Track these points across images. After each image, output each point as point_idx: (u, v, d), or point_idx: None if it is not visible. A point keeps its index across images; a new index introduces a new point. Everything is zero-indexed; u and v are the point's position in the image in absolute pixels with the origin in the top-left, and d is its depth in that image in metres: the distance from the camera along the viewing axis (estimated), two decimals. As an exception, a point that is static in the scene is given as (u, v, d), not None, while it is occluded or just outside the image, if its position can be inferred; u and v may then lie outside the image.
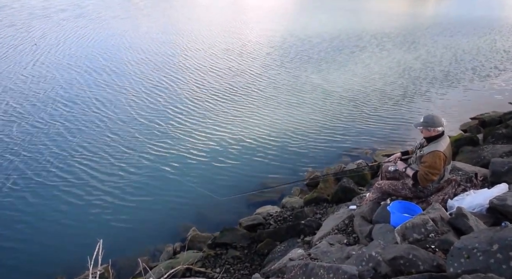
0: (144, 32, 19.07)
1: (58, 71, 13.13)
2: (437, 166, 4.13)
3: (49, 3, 24.15)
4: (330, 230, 5.04)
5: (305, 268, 3.23)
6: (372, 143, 9.44)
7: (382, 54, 16.74)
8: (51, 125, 9.49)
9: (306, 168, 8.29)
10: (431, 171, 4.14)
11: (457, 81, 13.92)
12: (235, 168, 8.18)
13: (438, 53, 17.34)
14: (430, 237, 3.23)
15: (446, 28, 22.73)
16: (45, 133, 9.15)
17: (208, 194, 7.15)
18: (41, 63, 13.90)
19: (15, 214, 6.69)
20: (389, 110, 11.25)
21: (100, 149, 8.65)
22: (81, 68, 13.57)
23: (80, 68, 13.57)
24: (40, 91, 11.45)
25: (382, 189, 4.71)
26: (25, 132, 9.11)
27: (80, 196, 7.15)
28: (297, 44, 18.01)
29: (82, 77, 12.80)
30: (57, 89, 11.63)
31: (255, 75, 13.81)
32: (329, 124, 10.21)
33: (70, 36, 17.66)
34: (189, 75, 13.55)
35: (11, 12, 21.04)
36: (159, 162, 8.26)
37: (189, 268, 5.11)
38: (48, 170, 7.83)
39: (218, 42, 17.98)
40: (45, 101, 10.80)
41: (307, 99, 11.70)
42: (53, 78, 12.50)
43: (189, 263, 5.10)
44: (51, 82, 12.15)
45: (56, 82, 12.17)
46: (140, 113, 10.41)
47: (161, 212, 6.92)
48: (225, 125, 9.93)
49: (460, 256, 2.53)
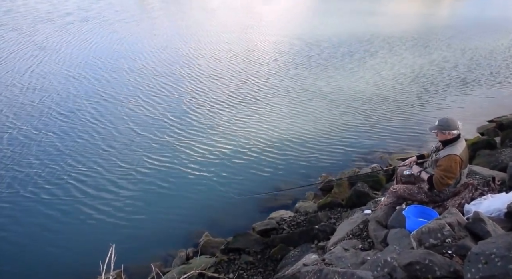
0: (148, 37, 18.97)
1: (56, 79, 12.90)
2: (453, 170, 4.07)
3: (55, 7, 24.35)
4: (344, 235, 4.97)
5: (319, 274, 3.20)
6: (387, 146, 9.36)
7: (394, 60, 16.53)
8: (56, 130, 9.50)
9: (320, 172, 8.24)
10: (446, 175, 4.08)
11: (473, 85, 13.68)
12: (248, 172, 8.17)
13: (453, 57, 17.06)
14: (446, 242, 3.17)
15: (460, 30, 22.37)
16: (53, 139, 9.15)
17: (221, 197, 7.31)
18: (40, 69, 13.69)
19: (26, 221, 6.74)
20: (403, 114, 11.14)
21: (112, 152, 8.70)
22: (80, 75, 13.37)
23: (79, 75, 13.37)
24: (35, 99, 11.19)
25: (397, 193, 4.65)
26: (29, 138, 9.10)
27: (92, 201, 7.20)
28: (305, 49, 17.85)
29: (80, 85, 12.51)
30: (53, 97, 11.36)
31: (266, 79, 13.79)
32: (343, 129, 10.15)
33: (72, 41, 17.45)
34: (200, 79, 13.53)
35: (16, 16, 21.16)
36: (171, 166, 8.28)
37: (202, 273, 5.09)
38: (59, 175, 7.86)
39: (227, 47, 17.91)
40: (41, 110, 10.52)
41: (321, 104, 11.64)
42: (50, 86, 12.23)
43: (202, 268, 5.10)
44: (48, 90, 11.86)
45: (53, 90, 11.89)
46: (151, 116, 10.44)
47: (173, 216, 6.95)
48: (238, 129, 9.93)
49: (477, 261, 2.48)
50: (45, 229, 6.57)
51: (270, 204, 7.26)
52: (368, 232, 4.77)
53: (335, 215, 6.41)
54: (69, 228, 6.62)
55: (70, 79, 12.92)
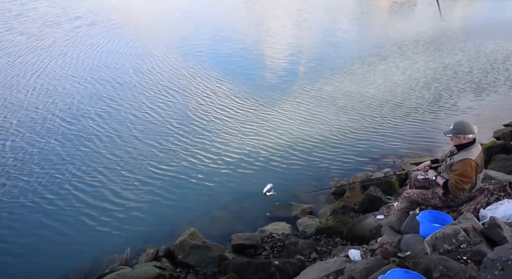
0: (155, 40, 18.99)
1: (61, 83, 12.86)
2: (469, 174, 4.01)
3: (64, 11, 24.53)
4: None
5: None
6: (400, 151, 9.23)
7: (406, 64, 16.23)
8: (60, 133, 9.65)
9: (332, 177, 8.14)
10: (462, 179, 4.02)
11: (489, 89, 13.40)
12: (257, 177, 8.07)
13: (467, 61, 16.68)
14: (461, 247, 3.11)
15: (475, 33, 21.86)
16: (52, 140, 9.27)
17: (225, 200, 7.28)
18: (45, 74, 13.67)
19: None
20: (416, 119, 10.99)
21: (114, 157, 8.72)
22: (84, 80, 13.30)
23: (84, 80, 13.30)
24: (39, 104, 11.26)
25: (411, 198, 4.58)
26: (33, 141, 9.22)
27: (87, 196, 7.35)
28: (315, 53, 17.73)
29: (85, 89, 12.52)
30: (57, 103, 11.38)
31: (274, 84, 13.74)
32: (355, 133, 10.06)
33: (79, 45, 17.39)
34: (207, 84, 13.44)
35: (25, 20, 21.32)
36: (173, 169, 8.28)
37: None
38: (59, 177, 7.91)
39: (235, 52, 17.74)
40: (44, 116, 10.55)
41: (332, 109, 11.55)
42: (54, 91, 12.24)
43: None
44: (52, 95, 11.88)
45: (58, 95, 11.92)
46: (155, 122, 10.44)
47: (165, 212, 6.98)
48: (246, 136, 9.83)
49: (493, 267, 2.43)
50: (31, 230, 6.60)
51: (275, 212, 7.00)
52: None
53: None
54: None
55: (75, 84, 12.95)
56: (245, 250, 5.46)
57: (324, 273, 3.92)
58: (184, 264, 5.13)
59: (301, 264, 4.63)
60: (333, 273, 3.88)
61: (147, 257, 5.59)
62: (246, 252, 5.44)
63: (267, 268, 4.56)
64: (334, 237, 5.56)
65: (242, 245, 5.48)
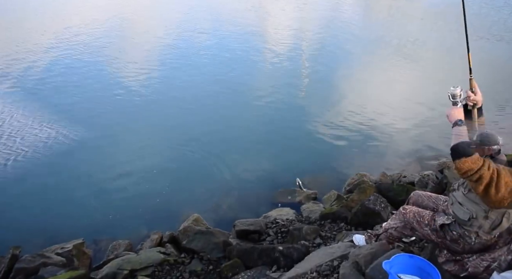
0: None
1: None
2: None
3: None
4: (308, 271, 3.74)
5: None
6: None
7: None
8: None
9: (358, 169, 7.49)
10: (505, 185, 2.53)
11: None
12: (261, 162, 8.01)
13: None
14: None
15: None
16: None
17: (232, 184, 7.26)
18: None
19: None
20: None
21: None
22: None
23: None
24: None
25: (406, 216, 3.29)
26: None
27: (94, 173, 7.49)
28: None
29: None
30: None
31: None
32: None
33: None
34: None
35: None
36: (185, 148, 8.35)
37: (134, 273, 4.61)
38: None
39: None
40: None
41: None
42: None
43: (140, 267, 4.63)
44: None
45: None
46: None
47: (171, 196, 7.00)
48: (255, 119, 9.75)
49: None
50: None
51: (280, 199, 6.87)
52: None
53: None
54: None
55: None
56: (249, 236, 5.39)
57: (328, 258, 3.83)
58: (188, 249, 5.08)
59: (305, 250, 4.56)
60: (337, 258, 3.80)
61: (151, 243, 5.58)
62: (250, 237, 5.38)
63: (271, 253, 4.51)
64: (338, 223, 5.44)
65: (246, 231, 5.40)
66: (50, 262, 4.88)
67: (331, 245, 4.54)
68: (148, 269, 4.64)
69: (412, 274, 2.80)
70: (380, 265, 2.96)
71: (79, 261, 5.29)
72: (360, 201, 5.59)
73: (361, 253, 3.40)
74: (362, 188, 6.09)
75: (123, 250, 5.57)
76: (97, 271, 4.86)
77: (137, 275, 4.54)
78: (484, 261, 2.81)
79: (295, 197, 6.86)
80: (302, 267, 3.95)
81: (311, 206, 6.37)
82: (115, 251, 5.60)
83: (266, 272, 4.33)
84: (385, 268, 2.77)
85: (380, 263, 2.96)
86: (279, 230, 5.50)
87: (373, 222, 5.01)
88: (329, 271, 3.62)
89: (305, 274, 3.70)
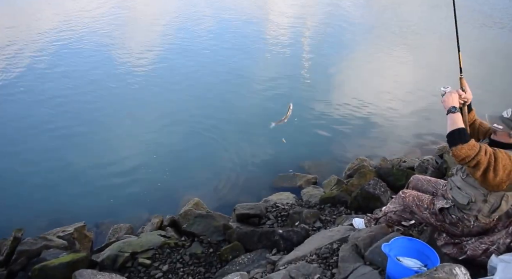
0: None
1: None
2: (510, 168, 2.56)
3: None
4: (308, 253, 3.76)
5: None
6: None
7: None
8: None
9: (358, 153, 7.57)
10: (499, 166, 2.52)
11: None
12: (262, 147, 8.02)
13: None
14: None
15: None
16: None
17: (233, 168, 7.29)
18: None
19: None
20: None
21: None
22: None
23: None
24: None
25: (405, 200, 3.25)
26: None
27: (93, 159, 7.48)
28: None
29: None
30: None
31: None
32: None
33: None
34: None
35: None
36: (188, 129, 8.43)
37: (135, 256, 4.66)
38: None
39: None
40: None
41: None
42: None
43: (141, 250, 4.69)
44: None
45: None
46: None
47: (172, 180, 7.03)
48: (257, 103, 9.77)
49: None
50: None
51: (280, 183, 6.91)
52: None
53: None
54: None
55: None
56: (249, 220, 5.40)
57: (328, 241, 3.86)
58: (188, 233, 5.14)
59: (305, 233, 4.59)
60: (337, 241, 3.82)
61: (152, 226, 5.62)
62: (250, 221, 5.39)
63: (271, 236, 4.55)
64: (338, 207, 5.48)
65: (246, 215, 5.41)
66: (52, 244, 4.92)
67: (330, 228, 4.54)
68: (149, 252, 4.69)
69: (411, 257, 2.82)
70: (379, 248, 2.98)
71: (80, 244, 5.34)
72: (360, 185, 5.58)
73: (361, 236, 3.42)
74: (362, 172, 6.09)
75: (124, 233, 5.62)
76: (99, 253, 4.94)
77: (138, 257, 4.60)
78: (483, 244, 2.81)
79: (295, 181, 6.91)
80: (301, 250, 3.97)
81: (311, 190, 6.39)
82: (116, 234, 5.66)
83: (266, 255, 4.36)
84: (384, 251, 2.79)
85: (379, 246, 2.98)
86: (279, 214, 5.52)
87: (373, 206, 5.03)
88: (328, 253, 3.64)
89: (304, 256, 3.73)
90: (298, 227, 4.73)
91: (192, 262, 4.59)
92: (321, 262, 3.54)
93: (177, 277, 4.38)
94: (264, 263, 4.15)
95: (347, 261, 3.20)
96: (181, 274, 4.42)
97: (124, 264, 4.52)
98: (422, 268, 2.69)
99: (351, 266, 3.12)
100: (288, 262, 3.77)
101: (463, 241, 2.93)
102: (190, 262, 4.59)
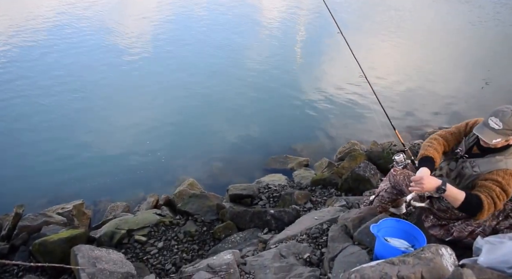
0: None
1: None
2: (509, 191, 2.58)
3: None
4: (298, 233, 3.84)
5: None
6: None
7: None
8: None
9: (350, 137, 7.73)
10: (503, 196, 2.56)
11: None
12: (255, 129, 8.15)
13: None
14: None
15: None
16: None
17: (228, 149, 7.41)
18: None
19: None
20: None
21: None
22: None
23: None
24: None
25: (395, 178, 3.13)
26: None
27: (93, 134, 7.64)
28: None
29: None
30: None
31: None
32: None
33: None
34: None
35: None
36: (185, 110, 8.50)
37: (131, 233, 4.81)
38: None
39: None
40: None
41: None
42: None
43: (137, 227, 4.85)
44: None
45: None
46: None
47: (168, 159, 7.16)
48: (251, 85, 9.80)
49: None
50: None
51: (273, 165, 7.05)
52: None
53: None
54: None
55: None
56: (242, 200, 5.53)
57: (318, 222, 3.94)
58: (183, 212, 5.26)
59: (296, 213, 4.70)
60: (326, 221, 3.89)
61: (148, 205, 5.77)
62: (243, 201, 5.51)
63: (263, 216, 4.68)
64: (329, 188, 5.58)
65: (239, 195, 5.52)
66: (52, 221, 5.06)
67: (321, 209, 4.65)
68: (144, 229, 4.84)
69: (398, 238, 2.89)
70: (367, 228, 3.06)
71: (79, 221, 5.49)
72: (350, 168, 5.68)
73: (350, 216, 3.48)
74: (353, 155, 6.20)
75: (121, 211, 5.77)
76: (96, 230, 5.09)
77: (134, 234, 4.75)
78: (469, 226, 2.84)
79: (287, 163, 7.05)
80: (292, 229, 4.07)
81: (302, 172, 6.49)
82: (113, 212, 5.80)
83: (257, 234, 4.49)
84: (372, 231, 2.85)
85: (368, 226, 3.05)
86: (271, 195, 5.63)
87: (363, 188, 5.16)
88: (318, 233, 3.72)
89: (295, 236, 3.83)
90: (290, 208, 4.86)
91: (186, 240, 4.73)
92: (311, 242, 3.63)
93: (171, 253, 4.52)
94: (255, 241, 4.26)
95: (336, 241, 3.27)
96: (176, 251, 4.57)
97: (121, 241, 4.67)
98: (409, 248, 2.77)
99: (340, 245, 3.19)
100: (279, 241, 3.85)
101: (449, 222, 2.96)
102: (184, 240, 4.73)
